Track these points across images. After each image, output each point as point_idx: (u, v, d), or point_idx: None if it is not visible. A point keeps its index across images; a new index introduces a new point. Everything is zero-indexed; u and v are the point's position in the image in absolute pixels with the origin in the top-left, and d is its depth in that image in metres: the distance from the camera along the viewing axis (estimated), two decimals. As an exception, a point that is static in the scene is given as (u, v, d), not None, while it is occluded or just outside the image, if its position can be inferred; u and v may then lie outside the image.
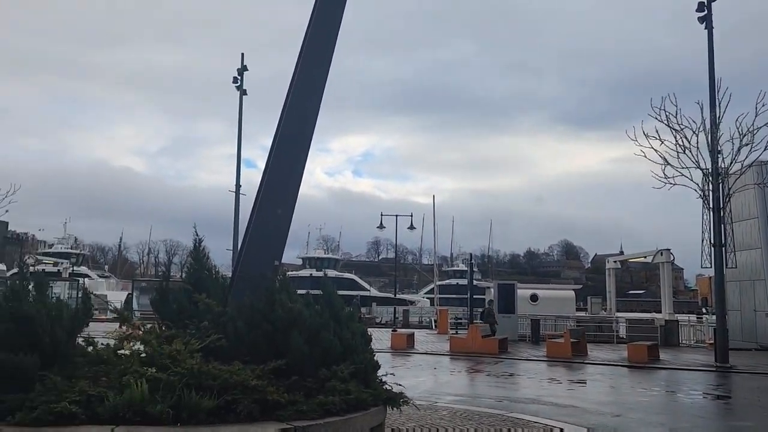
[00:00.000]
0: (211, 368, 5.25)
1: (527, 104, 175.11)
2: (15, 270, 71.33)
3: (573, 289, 36.27)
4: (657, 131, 17.66)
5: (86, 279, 58.30)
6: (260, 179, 6.88)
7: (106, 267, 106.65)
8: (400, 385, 6.27)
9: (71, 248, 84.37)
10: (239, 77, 22.98)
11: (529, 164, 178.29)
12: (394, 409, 6.25)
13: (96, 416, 4.72)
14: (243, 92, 23.15)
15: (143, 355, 5.80)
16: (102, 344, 5.96)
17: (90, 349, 5.81)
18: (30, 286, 5.55)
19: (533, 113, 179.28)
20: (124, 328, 6.64)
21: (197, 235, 7.39)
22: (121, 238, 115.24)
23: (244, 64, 22.79)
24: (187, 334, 6.16)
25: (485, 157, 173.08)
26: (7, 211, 31.50)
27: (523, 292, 28.19)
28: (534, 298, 28.72)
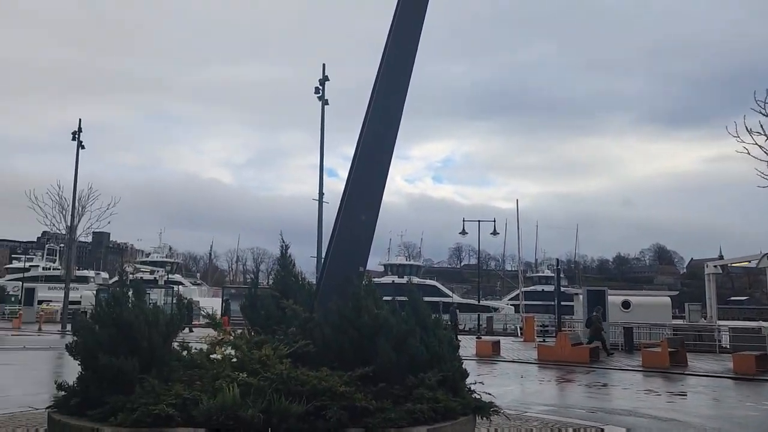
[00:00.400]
0: (299, 374, 5.29)
1: (612, 104, 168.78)
2: (116, 278, 76.00)
3: (668, 296, 34.39)
4: (762, 126, 16.43)
5: (180, 286, 61.17)
6: (344, 186, 6.91)
7: (198, 275, 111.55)
8: (489, 394, 6.08)
9: (166, 257, 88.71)
10: (321, 87, 23.45)
11: (615, 166, 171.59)
12: (484, 418, 6.07)
13: (191, 419, 4.85)
14: (325, 102, 23.59)
15: (234, 360, 5.94)
16: (195, 349, 6.16)
17: (184, 353, 6.02)
18: (129, 293, 5.78)
19: (619, 113, 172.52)
20: (216, 333, 6.84)
21: (283, 242, 7.51)
22: (211, 247, 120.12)
23: (326, 74, 23.25)
24: (275, 340, 6.26)
25: (569, 160, 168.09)
26: (108, 222, 33.72)
27: (614, 298, 26.98)
28: (626, 305, 27.42)
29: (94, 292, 45.18)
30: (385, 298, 6.56)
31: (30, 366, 16.09)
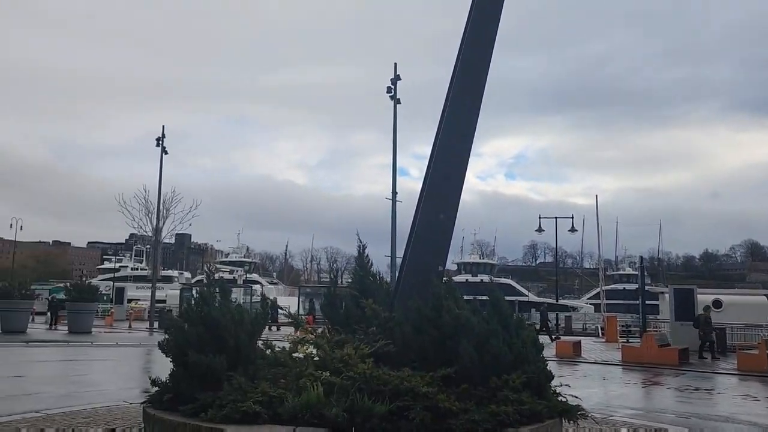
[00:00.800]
0: (381, 373, 5.27)
1: (697, 93, 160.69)
2: (198, 277, 79.29)
3: (764, 295, 32.34)
4: None
5: (258, 286, 62.99)
6: (421, 185, 6.86)
7: (274, 274, 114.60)
8: (575, 396, 5.87)
9: (244, 257, 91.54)
10: (393, 87, 23.51)
11: (701, 157, 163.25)
12: (570, 422, 5.87)
13: (277, 416, 4.93)
14: (397, 101, 23.64)
15: (316, 358, 6.00)
16: (279, 347, 6.28)
17: (268, 352, 6.13)
18: (216, 292, 5.95)
19: (704, 101, 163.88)
20: (298, 332, 6.95)
21: (360, 241, 7.53)
22: (287, 247, 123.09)
23: (397, 73, 23.28)
24: (356, 339, 6.28)
25: (650, 153, 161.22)
26: (190, 224, 35.15)
27: (703, 297, 25.61)
28: (717, 304, 25.99)
29: (179, 291, 47.26)
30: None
31: (122, 362, 16.98)
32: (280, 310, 9.21)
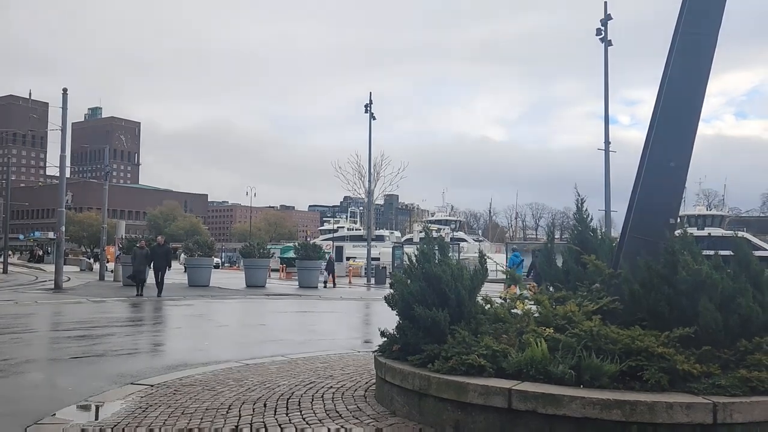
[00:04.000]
0: (609, 331, 5.05)
1: None
2: (408, 236, 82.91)
3: None
4: None
5: (464, 243, 63.93)
6: (647, 131, 6.30)
7: (480, 232, 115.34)
8: None
9: (449, 216, 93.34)
10: (603, 28, 21.77)
11: None
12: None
13: (501, 370, 4.98)
14: (608, 44, 21.88)
15: (536, 315, 5.93)
16: (497, 303, 6.31)
17: (488, 307, 6.20)
18: (435, 249, 6.14)
19: None
20: (515, 288, 6.91)
21: (578, 195, 7.22)
22: (490, 204, 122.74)
23: (608, 12, 21.47)
24: (577, 296, 6.08)
25: None
26: (397, 186, 36.69)
27: None
28: None
29: (391, 248, 49.87)
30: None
31: (347, 314, 18.50)
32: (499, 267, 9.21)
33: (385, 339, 6.20)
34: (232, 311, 18.27)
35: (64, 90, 26.57)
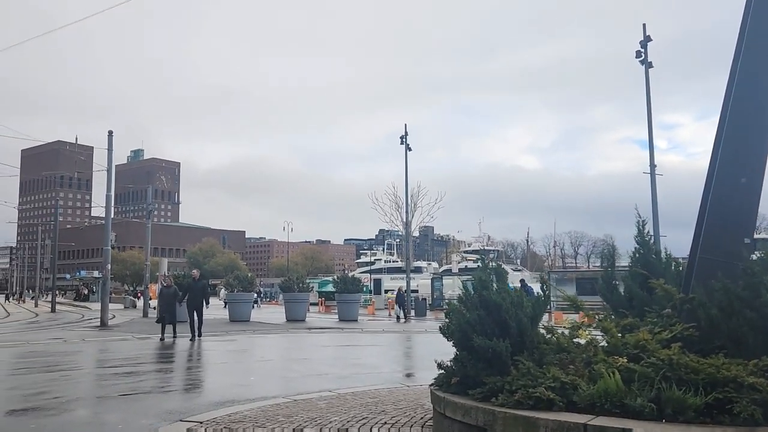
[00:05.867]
0: (689, 360, 4.67)
1: None
2: (445, 267, 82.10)
3: None
4: None
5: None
6: (712, 147, 5.97)
7: (518, 261, 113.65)
8: None
9: (486, 245, 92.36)
10: (643, 50, 21.39)
11: None
12: None
13: (572, 404, 4.65)
14: (648, 65, 21.47)
15: (603, 344, 5.58)
16: (559, 332, 5.98)
17: (549, 336, 5.88)
18: (492, 277, 5.87)
19: None
20: (562, 316, 6.57)
21: (639, 216, 6.89)
22: (528, 233, 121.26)
23: (647, 34, 21.11)
24: (646, 323, 5.71)
25: None
26: (432, 217, 36.39)
27: None
28: None
29: (429, 280, 49.37)
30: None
31: (389, 347, 18.15)
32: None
33: (442, 371, 5.92)
34: (275, 346, 18.12)
35: (110, 132, 27.34)
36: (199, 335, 18.31)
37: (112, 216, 28.44)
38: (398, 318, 30.93)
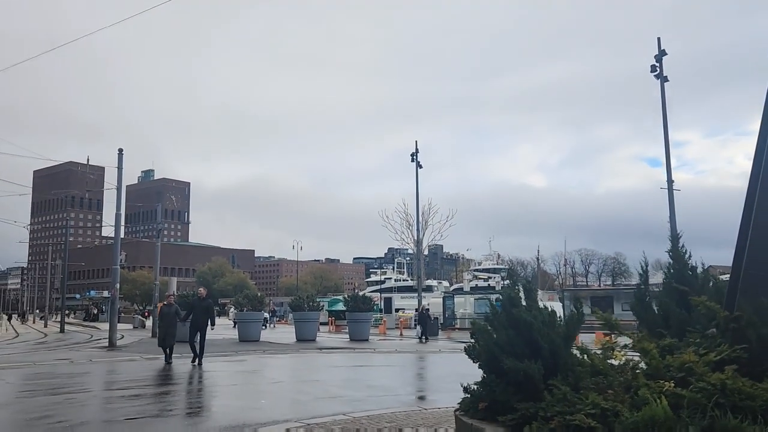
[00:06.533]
0: (742, 385, 4.29)
1: None
2: (456, 285, 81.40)
3: None
4: None
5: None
6: (753, 160, 5.62)
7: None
8: None
9: (497, 264, 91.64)
10: (658, 64, 21.08)
11: None
12: None
13: (613, 432, 4.27)
14: (664, 80, 21.13)
15: (643, 366, 5.19)
16: (593, 352, 5.59)
17: (584, 358, 5.49)
18: (520, 293, 5.51)
19: None
20: (611, 336, 6.19)
21: (675, 230, 6.51)
22: (538, 251, 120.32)
23: (662, 48, 20.82)
24: (689, 343, 5.32)
25: None
26: (441, 236, 35.99)
27: None
28: None
29: (441, 299, 48.82)
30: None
31: (403, 367, 17.69)
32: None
33: (467, 395, 5.54)
34: (286, 366, 17.70)
35: (120, 150, 27.27)
36: (200, 362, 16.31)
37: (122, 236, 28.27)
38: (420, 338, 29.75)
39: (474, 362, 5.59)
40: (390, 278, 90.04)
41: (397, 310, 51.46)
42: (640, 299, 6.49)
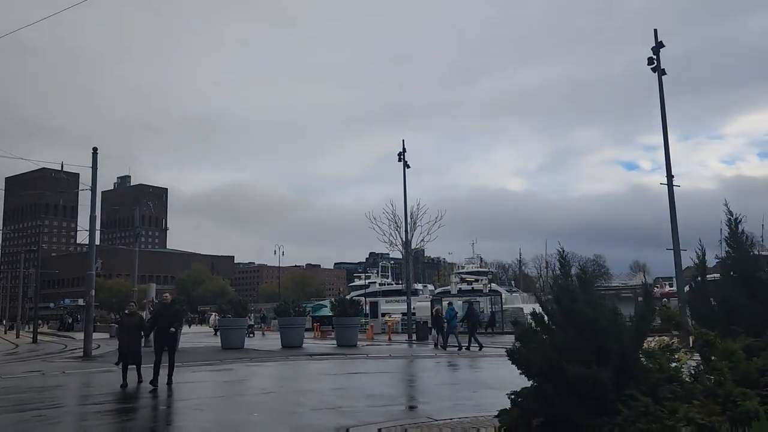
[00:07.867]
0: None
1: None
2: (442, 289, 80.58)
3: None
4: None
5: (501, 294, 61.50)
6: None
7: (512, 283, 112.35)
8: None
9: (479, 267, 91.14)
10: (655, 57, 20.43)
11: None
12: None
13: (718, 455, 3.41)
14: (662, 73, 20.50)
15: (722, 370, 4.35)
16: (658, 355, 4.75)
17: (647, 362, 4.64)
18: (575, 286, 4.65)
19: None
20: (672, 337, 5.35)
21: (731, 215, 5.72)
22: (519, 255, 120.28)
23: (659, 40, 20.21)
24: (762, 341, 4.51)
25: None
26: (427, 239, 35.11)
27: None
28: None
29: (429, 302, 47.94)
30: None
31: (400, 373, 16.80)
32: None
33: (514, 407, 4.65)
34: (276, 375, 16.66)
35: (94, 149, 26.01)
36: (169, 381, 13.22)
37: (99, 242, 26.97)
38: (436, 344, 26.21)
39: (519, 368, 4.71)
40: (374, 282, 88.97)
41: (383, 315, 50.45)
42: (698, 293, 5.68)
